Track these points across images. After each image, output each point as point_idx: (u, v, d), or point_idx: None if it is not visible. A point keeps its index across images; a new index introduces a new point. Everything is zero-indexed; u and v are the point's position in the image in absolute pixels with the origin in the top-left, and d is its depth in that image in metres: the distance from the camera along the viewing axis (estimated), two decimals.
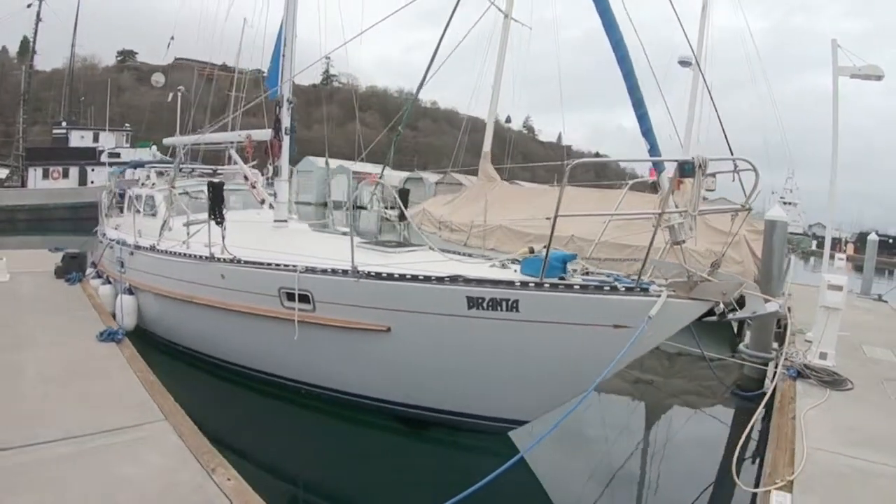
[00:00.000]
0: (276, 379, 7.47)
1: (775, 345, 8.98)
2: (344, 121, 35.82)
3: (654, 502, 5.89)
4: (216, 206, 7.45)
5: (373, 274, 5.89)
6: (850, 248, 39.59)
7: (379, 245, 7.73)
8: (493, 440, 6.11)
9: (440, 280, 5.45)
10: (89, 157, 34.42)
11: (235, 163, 11.59)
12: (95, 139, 36.12)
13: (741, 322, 10.74)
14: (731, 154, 5.26)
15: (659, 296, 4.65)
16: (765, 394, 7.22)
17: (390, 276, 5.77)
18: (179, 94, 18.18)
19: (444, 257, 7.33)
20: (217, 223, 7.48)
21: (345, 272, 6.07)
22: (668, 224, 4.94)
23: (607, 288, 4.88)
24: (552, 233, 4.94)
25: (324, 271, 6.27)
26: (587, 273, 5.69)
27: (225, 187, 11.27)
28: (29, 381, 5.84)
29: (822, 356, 7.70)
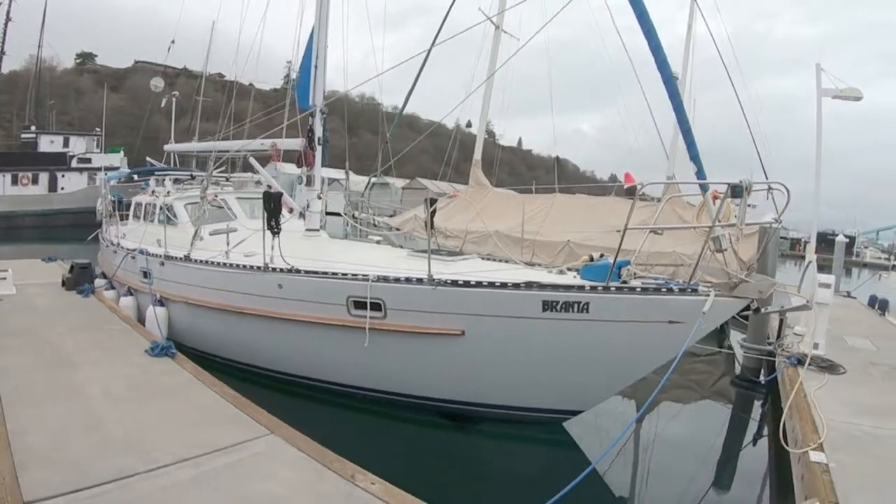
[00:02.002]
0: (336, 387, 7.47)
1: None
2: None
3: (717, 470, 6.74)
4: (273, 216, 7.31)
5: (449, 281, 6.22)
6: (811, 249, 40.91)
7: (423, 253, 7.82)
8: (545, 429, 6.71)
9: (516, 286, 5.94)
10: (59, 162, 33.30)
11: (256, 171, 11.41)
12: (66, 144, 34.93)
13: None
14: (766, 178, 5.93)
15: (708, 295, 5.35)
16: (762, 382, 9.25)
17: (467, 283, 6.14)
18: (174, 99, 17.67)
19: (504, 266, 7.53)
20: (274, 233, 7.33)
21: (420, 280, 6.31)
22: (713, 235, 5.71)
23: (664, 290, 5.56)
24: (620, 243, 5.61)
25: (397, 280, 6.45)
26: (635, 276, 6.14)
27: (238, 196, 11.19)
28: (99, 401, 5.59)
29: (815, 346, 8.50)
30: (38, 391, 5.75)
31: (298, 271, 7.16)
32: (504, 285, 5.99)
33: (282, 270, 7.28)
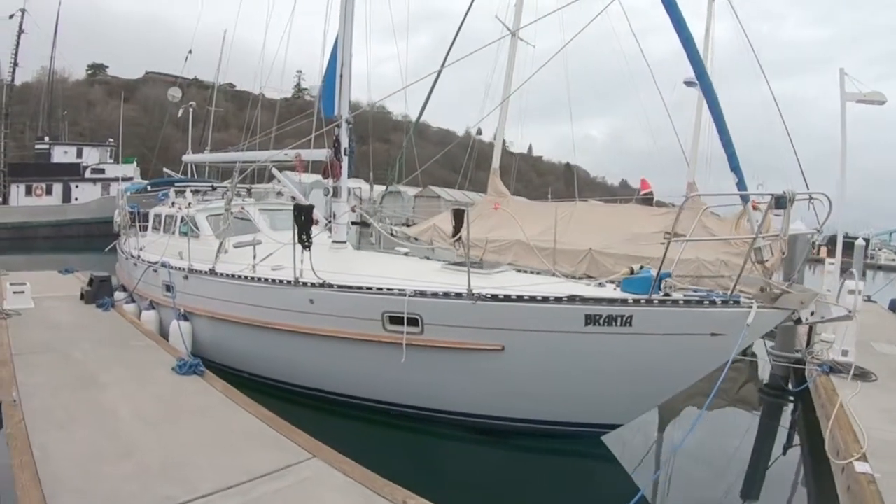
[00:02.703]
0: (370, 403, 7.27)
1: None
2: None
3: (752, 481, 6.67)
4: (304, 229, 7.09)
5: (489, 296, 6.07)
6: (824, 252, 40.46)
7: (459, 265, 7.68)
8: (584, 443, 6.64)
9: (559, 300, 5.82)
10: (73, 172, 33.33)
11: (280, 182, 11.21)
12: (79, 154, 34.99)
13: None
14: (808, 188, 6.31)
15: (751, 307, 5.27)
16: (792, 390, 9.13)
17: (508, 298, 5.99)
18: (191, 109, 17.54)
19: (542, 279, 7.37)
20: (305, 247, 7.11)
21: (459, 295, 6.19)
22: (756, 246, 5.58)
23: (706, 302, 5.46)
24: (665, 254, 5.67)
25: (436, 295, 6.28)
26: (671, 288, 5.99)
27: (262, 208, 10.99)
28: (129, 424, 5.34)
29: (844, 353, 8.38)
30: (65, 413, 5.50)
31: (331, 286, 6.94)
32: (546, 299, 5.86)
33: (313, 285, 7.05)
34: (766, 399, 9.58)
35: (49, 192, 32.49)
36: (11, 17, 34.07)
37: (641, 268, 6.58)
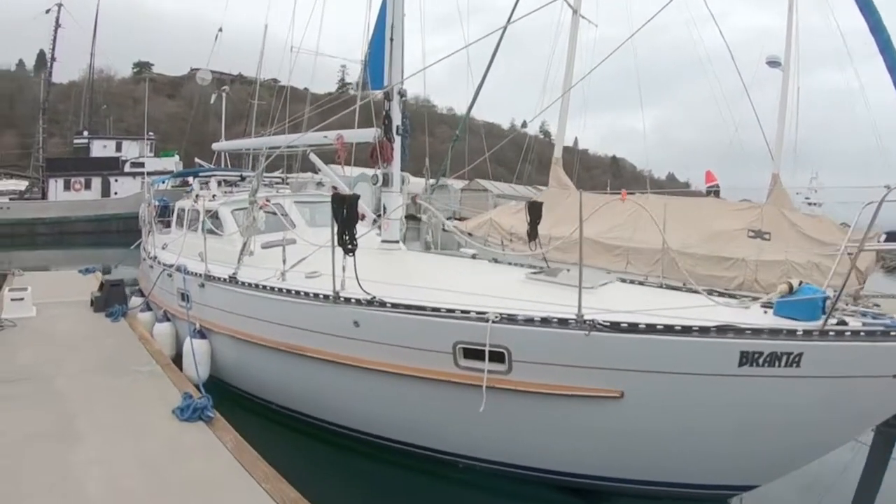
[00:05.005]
0: (430, 453, 5.53)
1: None
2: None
3: None
4: (347, 227, 5.27)
5: (606, 324, 4.39)
6: None
7: (552, 275, 5.76)
8: None
9: (705, 330, 4.24)
10: (112, 167, 32.74)
11: (319, 169, 9.45)
12: (118, 149, 34.40)
13: None
14: None
15: None
16: None
17: (634, 328, 4.35)
18: (224, 94, 16.04)
19: (654, 294, 5.90)
20: (347, 251, 5.30)
21: (564, 322, 4.50)
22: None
23: (893, 332, 4.10)
24: (853, 267, 4.78)
25: (530, 321, 4.61)
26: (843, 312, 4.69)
27: (297, 200, 9.24)
28: None
29: None
30: (13, 485, 3.89)
31: (383, 304, 5.11)
32: (688, 330, 4.25)
33: (358, 302, 5.24)
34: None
35: (88, 186, 31.84)
36: (48, 11, 33.70)
37: (801, 283, 4.82)
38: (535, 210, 8.13)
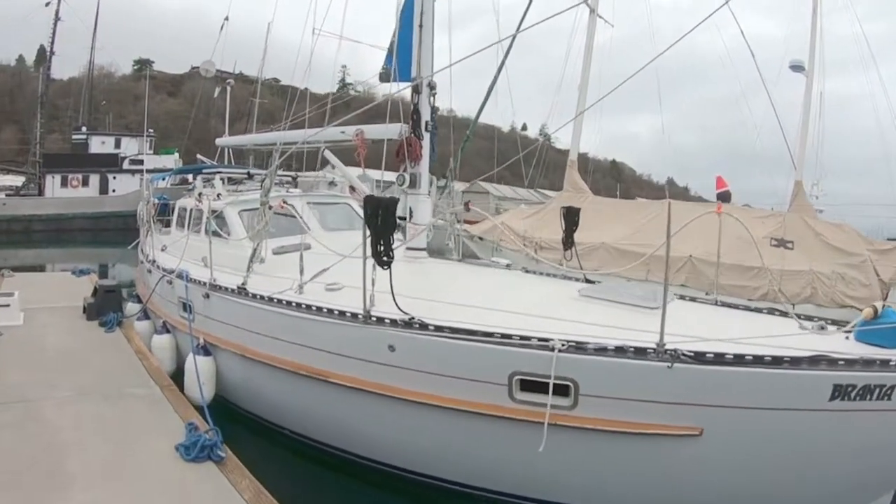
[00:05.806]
0: (478, 492, 4.84)
1: None
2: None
3: None
4: (382, 237, 4.52)
5: (691, 354, 3.86)
6: None
7: (612, 293, 5.08)
8: None
9: (796, 361, 3.81)
10: (110, 164, 32.02)
11: (334, 167, 8.70)
12: (117, 145, 33.73)
13: None
14: None
15: None
16: None
17: (720, 359, 3.85)
18: (228, 88, 15.27)
19: (719, 314, 5.36)
20: (382, 265, 4.55)
21: (642, 352, 3.94)
22: None
23: None
24: None
25: (602, 350, 4.01)
26: None
27: (310, 201, 8.48)
28: None
29: None
30: None
31: (424, 326, 4.37)
32: (779, 361, 3.78)
33: (395, 323, 4.49)
34: None
35: (85, 183, 31.12)
36: (48, 4, 33.05)
37: (884, 307, 4.32)
38: (571, 216, 7.40)
